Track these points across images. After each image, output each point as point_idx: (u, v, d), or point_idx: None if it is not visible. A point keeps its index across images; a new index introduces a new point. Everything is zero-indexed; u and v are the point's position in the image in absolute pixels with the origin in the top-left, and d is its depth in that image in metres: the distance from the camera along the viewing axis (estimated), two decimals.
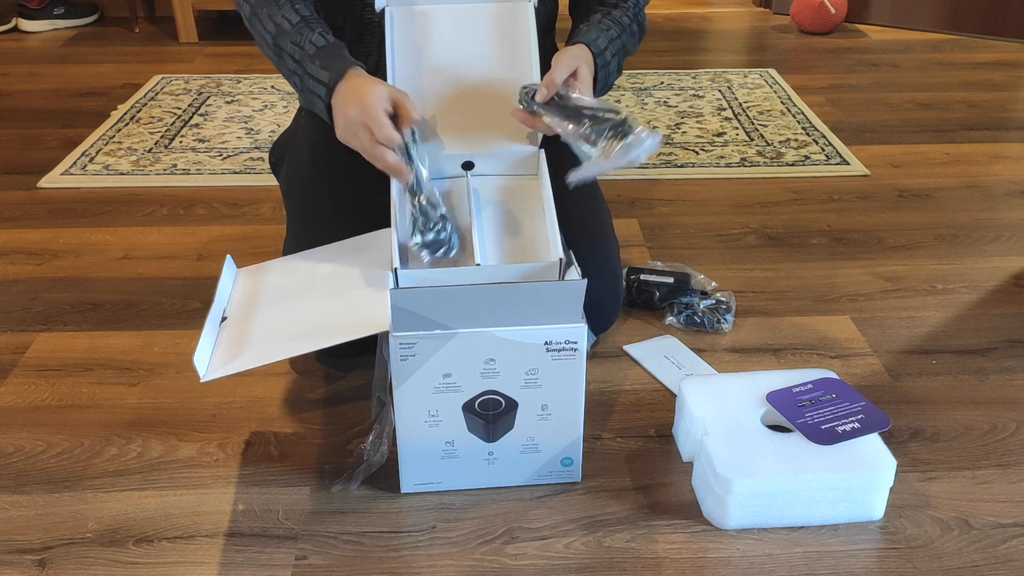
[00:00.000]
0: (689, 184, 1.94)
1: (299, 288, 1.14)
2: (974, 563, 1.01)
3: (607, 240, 1.35)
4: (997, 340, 1.41)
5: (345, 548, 1.03)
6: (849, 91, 2.49)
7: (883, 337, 1.42)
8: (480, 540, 1.04)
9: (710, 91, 2.47)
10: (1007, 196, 1.89)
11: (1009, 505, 1.09)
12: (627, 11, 1.31)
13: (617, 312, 1.37)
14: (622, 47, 1.28)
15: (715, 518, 1.06)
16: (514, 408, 1.05)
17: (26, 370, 1.34)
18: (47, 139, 2.18)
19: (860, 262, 1.63)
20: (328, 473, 1.14)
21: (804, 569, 1.00)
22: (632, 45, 1.32)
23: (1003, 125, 2.25)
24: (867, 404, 1.12)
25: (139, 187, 1.92)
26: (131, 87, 2.52)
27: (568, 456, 1.10)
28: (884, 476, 1.04)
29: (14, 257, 1.65)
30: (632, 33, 1.32)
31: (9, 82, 2.57)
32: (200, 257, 1.65)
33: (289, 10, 1.19)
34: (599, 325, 1.35)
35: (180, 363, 1.35)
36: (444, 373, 1.02)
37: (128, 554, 1.02)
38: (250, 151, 2.09)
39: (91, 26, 3.11)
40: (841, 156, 2.06)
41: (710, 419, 1.10)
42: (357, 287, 1.11)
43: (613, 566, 1.01)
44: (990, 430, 1.22)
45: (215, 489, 1.12)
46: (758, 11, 3.31)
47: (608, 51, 1.24)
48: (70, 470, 1.15)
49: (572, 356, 1.03)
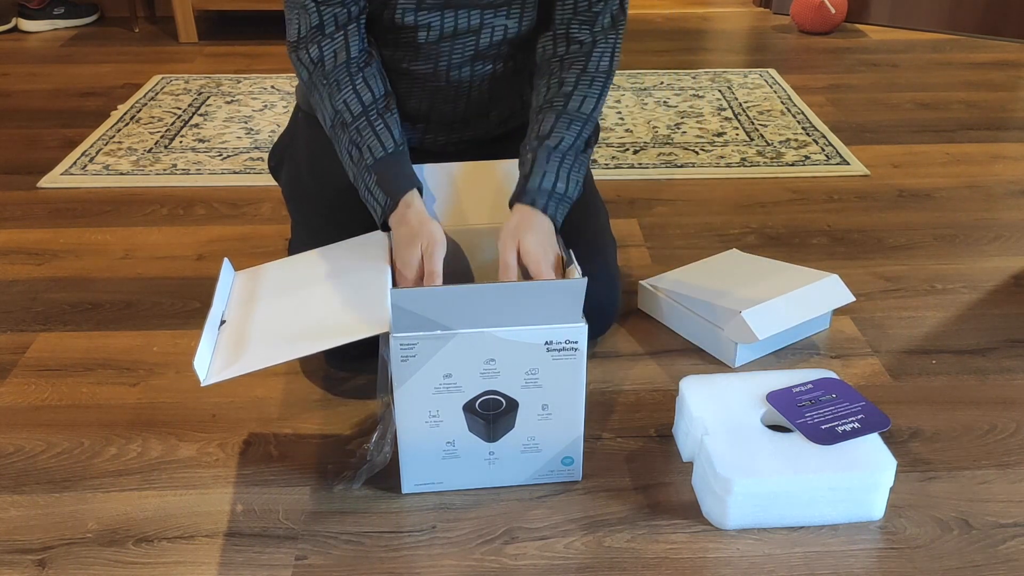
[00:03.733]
0: (689, 184, 1.94)
1: (298, 290, 1.14)
2: (974, 563, 1.01)
3: (604, 244, 1.35)
4: (997, 340, 1.41)
5: (345, 548, 1.03)
6: (849, 91, 2.49)
7: (883, 337, 1.42)
8: (480, 540, 1.04)
9: (710, 91, 2.47)
10: (1007, 196, 1.89)
11: (1009, 505, 1.09)
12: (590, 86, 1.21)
13: (615, 316, 1.37)
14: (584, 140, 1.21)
15: (715, 518, 1.06)
16: (515, 408, 1.05)
17: (26, 370, 1.34)
18: (47, 139, 2.18)
19: (860, 262, 1.63)
20: (331, 473, 1.14)
21: (804, 569, 1.00)
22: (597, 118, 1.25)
23: (1003, 125, 2.25)
24: (867, 404, 1.12)
25: (139, 187, 1.92)
26: (131, 87, 2.52)
27: (569, 455, 1.10)
28: (884, 476, 1.04)
29: (14, 257, 1.65)
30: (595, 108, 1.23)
31: (9, 82, 2.57)
32: (200, 257, 1.65)
33: (351, 95, 1.19)
34: (597, 329, 1.35)
35: (180, 363, 1.35)
36: (445, 373, 1.02)
37: (128, 554, 1.02)
38: (250, 151, 2.09)
39: (91, 26, 3.10)
40: (841, 156, 2.06)
41: (710, 419, 1.10)
42: (356, 288, 1.11)
43: (613, 566, 1.01)
44: (990, 430, 1.22)
45: (215, 489, 1.12)
46: (758, 11, 3.31)
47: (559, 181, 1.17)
48: (70, 470, 1.15)
49: (573, 356, 1.03)
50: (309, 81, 1.22)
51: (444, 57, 1.25)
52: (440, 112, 1.33)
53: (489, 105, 1.34)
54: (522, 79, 1.34)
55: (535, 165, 1.17)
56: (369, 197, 1.18)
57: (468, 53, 1.25)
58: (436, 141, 1.37)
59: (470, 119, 1.35)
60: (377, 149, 1.17)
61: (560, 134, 1.19)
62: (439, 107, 1.32)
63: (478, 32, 1.23)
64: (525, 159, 1.19)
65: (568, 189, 1.18)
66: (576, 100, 1.21)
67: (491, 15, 1.22)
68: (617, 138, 2.16)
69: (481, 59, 1.26)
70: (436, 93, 1.29)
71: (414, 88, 1.29)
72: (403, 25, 1.21)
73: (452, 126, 1.35)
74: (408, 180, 1.17)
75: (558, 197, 1.17)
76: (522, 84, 1.35)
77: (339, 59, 1.19)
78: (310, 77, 1.21)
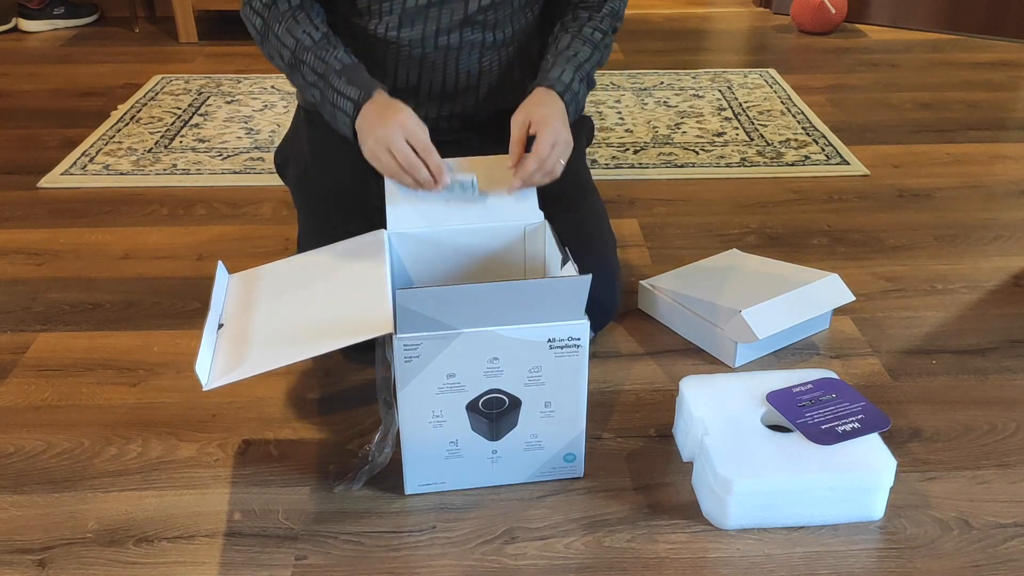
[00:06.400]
0: (689, 184, 1.94)
1: (298, 291, 1.14)
2: (974, 563, 1.01)
3: (603, 240, 1.35)
4: (997, 340, 1.41)
5: (345, 548, 1.03)
6: (849, 91, 2.49)
7: (883, 337, 1.42)
8: (480, 540, 1.04)
9: (710, 91, 2.47)
10: (1007, 196, 1.89)
11: (1009, 505, 1.10)
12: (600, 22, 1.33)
13: (614, 312, 1.37)
14: (593, 67, 1.31)
15: (715, 518, 1.06)
16: (517, 406, 1.05)
17: (26, 370, 1.34)
18: (47, 139, 2.18)
19: (860, 262, 1.63)
20: (332, 473, 1.14)
21: (804, 569, 1.00)
22: (605, 57, 1.35)
23: (1003, 125, 2.25)
24: (867, 404, 1.12)
25: (139, 187, 1.92)
26: (131, 87, 2.52)
27: (571, 452, 1.10)
28: (884, 476, 1.04)
29: (14, 257, 1.65)
30: (606, 46, 1.34)
31: (9, 82, 2.57)
32: (200, 257, 1.65)
33: (309, 26, 1.23)
34: (597, 324, 1.35)
35: (180, 363, 1.35)
36: (448, 373, 1.02)
37: (128, 554, 1.02)
38: (250, 151, 2.09)
39: (91, 26, 3.11)
40: (841, 156, 2.06)
41: (710, 419, 1.10)
42: (356, 289, 1.11)
43: (613, 566, 1.01)
44: (990, 430, 1.22)
45: (215, 489, 1.12)
46: (758, 11, 3.31)
47: (575, 80, 1.27)
48: (70, 470, 1.15)
49: (575, 353, 1.03)
50: (263, 25, 1.24)
51: (433, 21, 1.28)
52: (429, 82, 1.34)
53: (479, 78, 1.35)
54: (511, 52, 1.36)
55: (555, 63, 1.27)
56: (340, 99, 1.20)
57: (457, 17, 1.27)
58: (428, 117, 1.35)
59: (459, 92, 1.36)
60: (344, 58, 1.22)
61: (576, 49, 1.29)
62: (427, 76, 1.33)
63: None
64: (545, 63, 1.29)
65: (579, 95, 1.28)
66: (589, 29, 1.32)
67: None
68: (617, 138, 2.16)
69: (469, 25, 1.29)
70: (423, 62, 1.32)
71: (400, 57, 1.31)
72: None
73: (442, 100, 1.36)
74: (375, 81, 1.21)
75: (572, 94, 1.25)
76: (511, 58, 1.37)
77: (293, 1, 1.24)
78: (264, 22, 1.24)
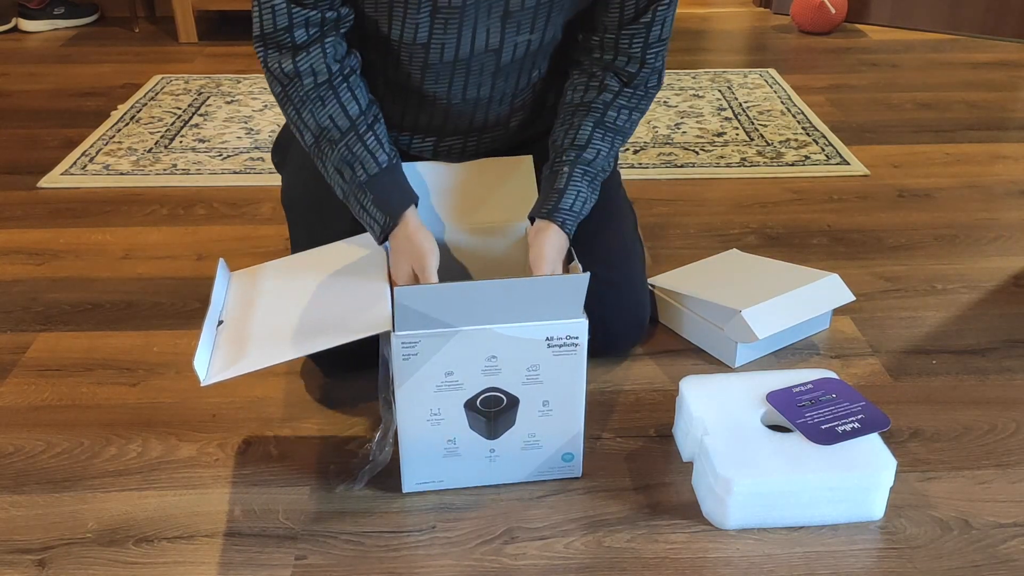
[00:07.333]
0: (689, 184, 1.94)
1: (297, 289, 1.14)
2: (974, 563, 1.01)
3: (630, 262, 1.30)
4: (997, 340, 1.41)
5: (345, 548, 1.03)
6: (849, 91, 2.49)
7: (883, 337, 1.42)
8: (480, 540, 1.04)
9: (710, 91, 2.47)
10: (1007, 196, 1.89)
11: (1009, 505, 1.09)
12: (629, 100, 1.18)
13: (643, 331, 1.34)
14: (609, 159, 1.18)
15: (715, 518, 1.06)
16: (515, 405, 1.05)
17: (26, 370, 1.34)
18: (47, 139, 2.18)
19: (860, 262, 1.63)
20: (333, 473, 1.14)
21: (804, 569, 1.00)
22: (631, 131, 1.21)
23: (1003, 125, 2.25)
24: (867, 404, 1.12)
25: (139, 187, 1.92)
26: (131, 87, 2.52)
27: (569, 451, 1.10)
28: (884, 476, 1.04)
29: (14, 257, 1.65)
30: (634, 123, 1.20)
31: (9, 82, 2.57)
32: (200, 257, 1.65)
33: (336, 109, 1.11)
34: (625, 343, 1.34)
35: (180, 363, 1.35)
36: (446, 371, 1.02)
37: (128, 554, 1.02)
38: (250, 151, 2.09)
39: (91, 26, 3.11)
40: (841, 156, 2.06)
41: (710, 419, 1.10)
42: (355, 287, 1.11)
43: (613, 566, 1.01)
44: (990, 430, 1.22)
45: (215, 489, 1.12)
46: (758, 11, 3.31)
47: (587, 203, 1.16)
48: (70, 470, 1.15)
49: (573, 351, 1.03)
50: (283, 94, 1.12)
51: (460, 77, 1.17)
52: (455, 125, 1.26)
53: (510, 117, 1.27)
54: (545, 84, 1.26)
55: (570, 182, 1.14)
56: (364, 215, 1.13)
57: (488, 70, 1.17)
58: (452, 151, 1.30)
59: (488, 128, 1.28)
60: (371, 165, 1.12)
61: (597, 147, 1.16)
62: (454, 121, 1.25)
63: (498, 51, 1.15)
64: (560, 171, 1.15)
65: (586, 208, 1.16)
66: (615, 110, 1.18)
67: (513, 31, 1.13)
68: None
69: (503, 75, 1.19)
70: (449, 110, 1.22)
71: (423, 104, 1.22)
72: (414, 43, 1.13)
73: (467, 135, 1.28)
74: (405, 196, 1.12)
75: (576, 216, 1.15)
76: (545, 90, 1.27)
77: (319, 76, 1.10)
78: (284, 91, 1.12)
